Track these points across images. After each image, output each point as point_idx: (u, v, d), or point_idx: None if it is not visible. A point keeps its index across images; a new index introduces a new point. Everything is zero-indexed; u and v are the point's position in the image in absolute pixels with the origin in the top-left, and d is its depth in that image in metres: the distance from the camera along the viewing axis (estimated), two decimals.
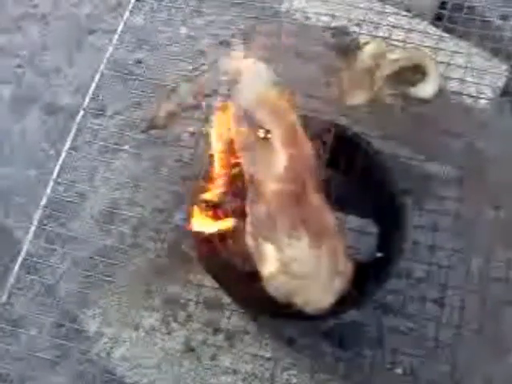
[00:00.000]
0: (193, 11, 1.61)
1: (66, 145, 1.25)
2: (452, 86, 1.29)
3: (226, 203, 1.04)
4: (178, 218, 1.30)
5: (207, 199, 1.05)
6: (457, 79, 1.28)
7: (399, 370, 1.15)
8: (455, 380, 1.05)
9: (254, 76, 1.01)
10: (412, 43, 1.32)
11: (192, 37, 1.59)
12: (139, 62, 1.57)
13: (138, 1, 1.44)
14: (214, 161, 1.07)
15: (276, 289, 0.91)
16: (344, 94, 1.23)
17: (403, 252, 1.06)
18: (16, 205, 1.43)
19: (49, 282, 1.27)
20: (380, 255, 1.06)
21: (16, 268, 1.15)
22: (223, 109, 1.05)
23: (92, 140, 1.42)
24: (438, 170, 1.32)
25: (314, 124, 1.04)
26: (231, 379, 1.15)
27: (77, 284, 1.26)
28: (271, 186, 0.92)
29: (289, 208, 0.91)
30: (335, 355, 1.16)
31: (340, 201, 1.01)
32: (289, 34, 1.41)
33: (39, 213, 1.20)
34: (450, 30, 1.41)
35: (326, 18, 1.48)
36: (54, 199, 1.24)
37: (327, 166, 1.03)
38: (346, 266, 0.91)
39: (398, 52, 1.24)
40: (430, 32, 1.41)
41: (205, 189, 1.08)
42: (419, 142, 1.31)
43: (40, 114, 1.57)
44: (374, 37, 1.35)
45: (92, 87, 1.29)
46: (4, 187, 1.46)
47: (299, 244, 0.89)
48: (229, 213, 1.04)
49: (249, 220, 0.95)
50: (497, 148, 1.33)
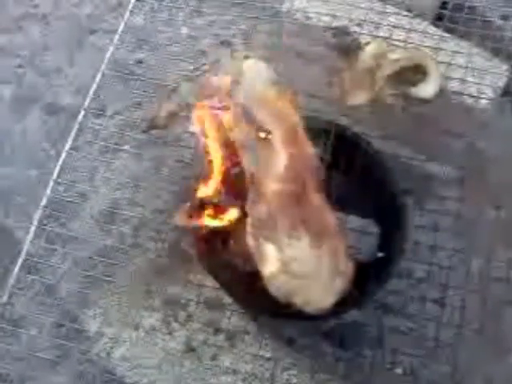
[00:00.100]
0: (193, 11, 1.61)
1: (67, 145, 1.25)
2: (453, 86, 1.29)
3: (226, 202, 1.04)
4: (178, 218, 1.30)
5: (206, 199, 1.06)
6: (457, 79, 1.28)
7: (399, 370, 1.15)
8: (456, 380, 1.04)
9: (255, 76, 1.01)
10: (413, 43, 1.32)
11: (193, 37, 1.58)
12: (140, 62, 1.57)
13: (139, 1, 1.44)
14: (214, 161, 1.07)
15: (277, 289, 0.91)
16: (345, 94, 1.23)
17: (404, 252, 1.06)
18: (16, 205, 1.43)
19: (49, 282, 1.27)
20: (381, 255, 1.06)
21: (16, 268, 1.15)
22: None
23: (93, 140, 1.42)
24: (439, 170, 1.32)
25: (315, 124, 1.04)
26: (231, 379, 1.15)
27: (77, 284, 1.26)
28: (272, 186, 0.92)
29: (289, 208, 0.91)
30: (335, 355, 1.16)
31: (341, 201, 1.01)
32: (290, 34, 1.41)
33: (39, 213, 1.20)
34: (451, 30, 1.41)
35: (327, 18, 1.48)
36: (55, 199, 1.24)
37: (328, 166, 1.03)
38: (347, 266, 0.91)
39: (399, 52, 1.24)
40: (431, 32, 1.42)
41: (205, 189, 1.08)
42: (420, 142, 1.31)
43: (41, 114, 1.57)
44: (375, 37, 1.35)
45: (93, 87, 1.29)
46: (4, 187, 1.46)
47: (300, 244, 0.89)
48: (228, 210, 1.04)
49: (249, 220, 0.95)
50: (498, 148, 1.32)
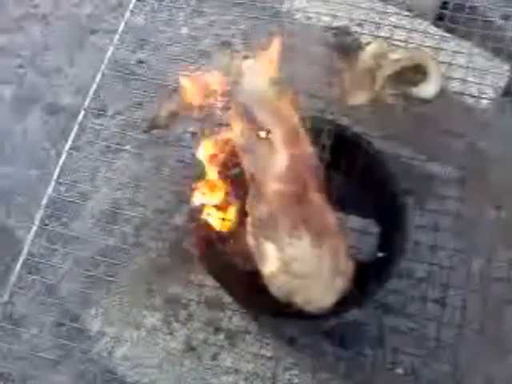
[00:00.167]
0: (194, 11, 1.61)
1: (67, 145, 1.25)
2: (453, 86, 1.29)
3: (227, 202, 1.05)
4: (180, 219, 1.30)
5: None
6: (458, 79, 1.28)
7: (400, 370, 1.15)
8: (456, 380, 1.04)
9: (255, 76, 1.01)
10: (413, 43, 1.32)
11: (193, 37, 1.59)
12: (140, 62, 1.57)
13: (139, 1, 1.44)
14: (215, 161, 1.07)
15: (277, 288, 0.91)
16: (345, 94, 1.23)
17: (404, 252, 1.06)
18: (17, 204, 1.43)
19: (50, 282, 1.27)
20: (381, 255, 1.06)
21: (17, 267, 1.15)
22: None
23: (93, 140, 1.42)
24: (440, 170, 1.32)
25: (316, 124, 1.04)
26: (232, 379, 1.15)
27: (78, 283, 1.26)
28: (272, 186, 0.92)
29: (290, 207, 0.91)
30: (336, 354, 1.16)
31: (341, 201, 1.01)
32: (290, 34, 1.41)
33: (41, 212, 1.19)
34: (452, 30, 1.41)
35: (327, 18, 1.48)
36: (56, 199, 1.24)
37: (328, 166, 1.03)
38: (348, 266, 0.91)
39: (400, 52, 1.24)
40: (432, 32, 1.42)
41: (206, 189, 1.09)
42: (420, 142, 1.31)
43: (41, 114, 1.58)
44: (376, 37, 1.35)
45: (93, 87, 1.29)
46: (5, 187, 1.46)
47: (300, 243, 0.89)
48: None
49: (250, 219, 0.95)
50: (498, 148, 1.33)
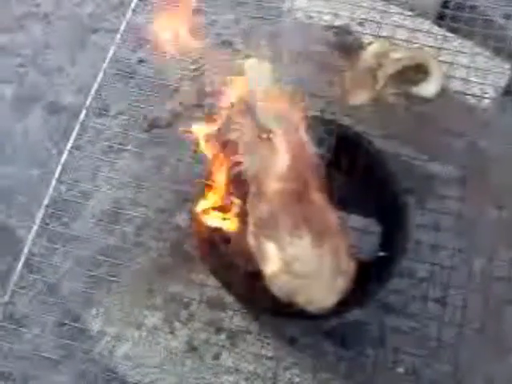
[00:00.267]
0: (194, 10, 1.60)
1: (69, 144, 1.25)
2: (455, 86, 1.29)
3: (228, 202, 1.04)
4: (181, 218, 1.30)
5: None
6: (460, 78, 1.28)
7: (401, 370, 1.15)
8: (457, 379, 1.04)
9: (257, 75, 1.01)
10: (415, 43, 1.32)
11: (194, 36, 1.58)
12: (142, 62, 1.57)
13: (141, 0, 1.44)
14: (216, 160, 1.07)
15: (279, 288, 0.91)
16: (347, 94, 1.23)
17: (405, 251, 1.06)
18: (18, 204, 1.43)
19: (51, 281, 1.27)
20: (382, 254, 1.06)
21: (19, 267, 1.15)
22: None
23: (95, 139, 1.42)
24: (441, 170, 1.32)
25: (317, 123, 1.04)
26: (233, 378, 1.15)
27: (79, 283, 1.26)
28: (273, 185, 0.92)
29: (291, 207, 0.91)
30: (337, 354, 1.16)
31: (342, 200, 1.01)
32: (291, 33, 1.41)
33: (42, 212, 1.20)
34: (453, 30, 1.41)
35: (329, 17, 1.47)
36: (57, 198, 1.24)
37: (330, 166, 1.03)
38: (349, 266, 0.91)
39: (401, 51, 1.24)
40: (433, 31, 1.41)
41: (207, 189, 1.08)
42: (422, 142, 1.31)
43: (42, 114, 1.58)
44: (377, 36, 1.35)
45: (94, 86, 1.29)
46: (6, 186, 1.46)
47: (301, 243, 0.89)
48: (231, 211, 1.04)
49: (251, 219, 0.95)
50: (499, 147, 1.32)
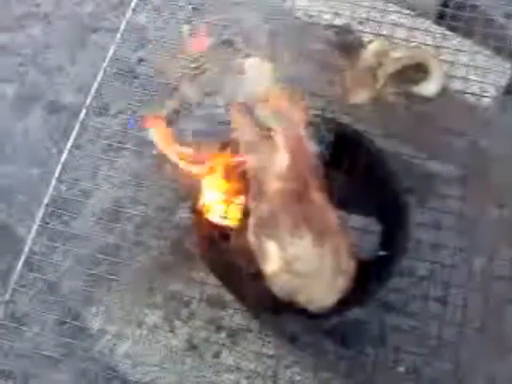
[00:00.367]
0: (195, 10, 1.61)
1: (69, 143, 1.25)
2: (455, 85, 1.29)
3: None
4: (181, 216, 1.30)
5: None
6: (460, 78, 1.28)
7: (402, 369, 1.15)
8: (458, 378, 1.04)
9: (257, 74, 1.01)
10: (415, 41, 1.32)
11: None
12: (142, 61, 1.57)
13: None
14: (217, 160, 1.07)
15: (279, 287, 0.92)
16: (347, 93, 1.23)
17: (406, 250, 1.06)
18: (19, 203, 1.43)
19: (51, 280, 1.27)
20: (383, 253, 1.06)
21: (19, 266, 1.15)
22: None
23: (95, 138, 1.42)
24: (441, 169, 1.32)
25: (317, 122, 1.04)
26: (234, 377, 1.15)
27: (80, 281, 1.26)
28: (274, 185, 0.92)
29: (291, 206, 0.91)
30: (338, 353, 1.16)
31: (343, 199, 1.01)
32: (291, 33, 1.41)
33: (42, 211, 1.20)
34: (454, 29, 1.41)
35: (329, 16, 1.48)
36: (57, 197, 1.24)
37: (330, 165, 1.03)
38: (349, 265, 0.91)
39: (401, 50, 1.24)
40: (433, 30, 1.41)
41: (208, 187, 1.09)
42: (422, 141, 1.31)
43: (43, 113, 1.58)
44: (377, 35, 1.35)
45: (94, 86, 1.29)
46: (7, 186, 1.46)
47: (302, 242, 0.89)
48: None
49: (251, 218, 0.95)
50: (500, 146, 1.32)
